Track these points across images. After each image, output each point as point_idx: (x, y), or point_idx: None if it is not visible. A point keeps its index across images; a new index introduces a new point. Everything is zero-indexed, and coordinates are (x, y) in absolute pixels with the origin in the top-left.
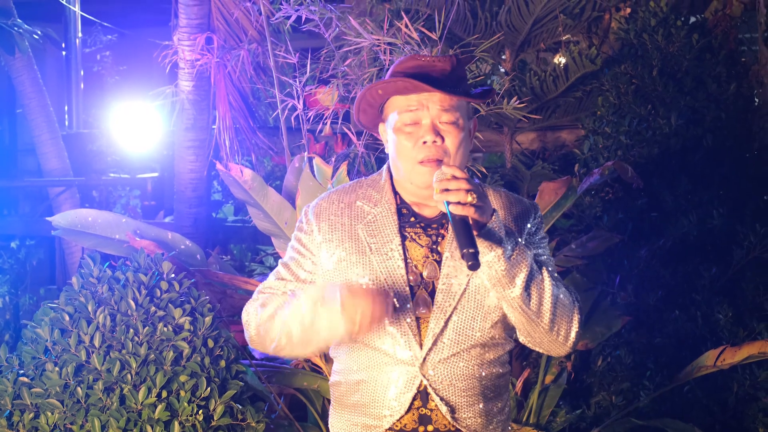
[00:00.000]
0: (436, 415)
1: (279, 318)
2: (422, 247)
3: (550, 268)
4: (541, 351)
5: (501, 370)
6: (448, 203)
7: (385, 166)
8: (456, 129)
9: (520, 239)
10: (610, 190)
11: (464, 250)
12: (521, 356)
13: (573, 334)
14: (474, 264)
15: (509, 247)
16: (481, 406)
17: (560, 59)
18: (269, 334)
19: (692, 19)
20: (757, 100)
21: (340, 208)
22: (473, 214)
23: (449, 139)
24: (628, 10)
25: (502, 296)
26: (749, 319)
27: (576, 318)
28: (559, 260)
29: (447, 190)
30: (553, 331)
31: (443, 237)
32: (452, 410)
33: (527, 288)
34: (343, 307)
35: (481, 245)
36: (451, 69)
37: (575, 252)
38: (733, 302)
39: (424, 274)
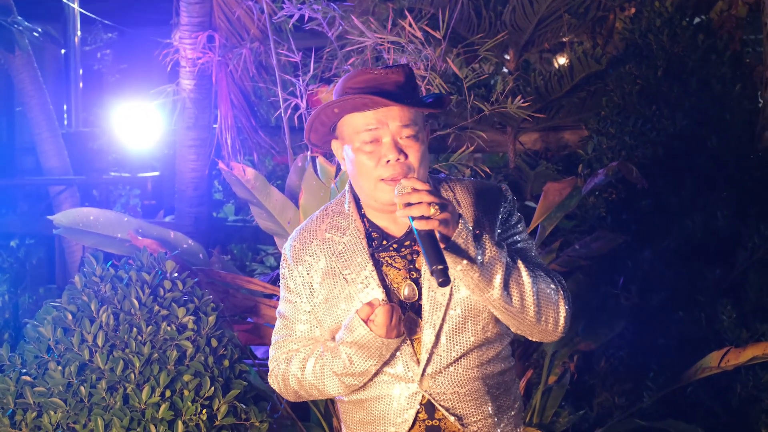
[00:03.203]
0: (445, 424)
1: (329, 382)
2: (399, 269)
3: (531, 252)
4: (535, 340)
5: (503, 366)
6: (412, 218)
7: (347, 188)
8: (416, 143)
9: (489, 239)
10: (614, 191)
11: (432, 267)
12: (524, 357)
13: (562, 320)
14: (444, 281)
15: (480, 252)
16: (489, 406)
17: (564, 59)
18: (326, 392)
19: (697, 20)
20: (761, 101)
21: (313, 246)
22: (438, 227)
23: (412, 154)
24: (633, 10)
25: (483, 299)
26: (753, 321)
27: (562, 303)
28: (562, 261)
29: (409, 204)
30: (540, 321)
31: (418, 253)
32: (459, 418)
33: (506, 287)
34: (379, 329)
35: (451, 257)
36: (404, 80)
37: (579, 253)
38: (737, 303)
39: (403, 295)
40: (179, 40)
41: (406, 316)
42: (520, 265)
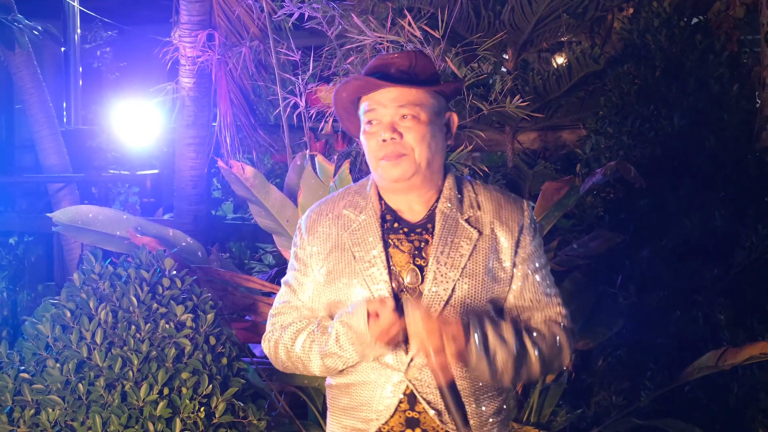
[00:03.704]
0: (425, 417)
1: (314, 357)
2: (404, 253)
3: (539, 277)
4: None
5: None
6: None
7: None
8: (417, 123)
9: (500, 341)
10: (612, 191)
11: (453, 415)
12: None
13: (565, 363)
14: (465, 426)
15: (491, 357)
16: (472, 408)
17: (563, 59)
18: (309, 368)
19: (695, 20)
20: (759, 101)
21: (329, 219)
22: (452, 377)
23: (408, 133)
24: (631, 10)
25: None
26: (750, 320)
27: (567, 351)
28: (560, 260)
29: (426, 354)
30: (546, 374)
31: (427, 242)
32: (439, 413)
33: (516, 372)
34: (377, 337)
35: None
36: (409, 64)
37: (577, 252)
38: (734, 303)
39: (406, 280)
40: (179, 39)
41: (402, 300)
42: (528, 343)
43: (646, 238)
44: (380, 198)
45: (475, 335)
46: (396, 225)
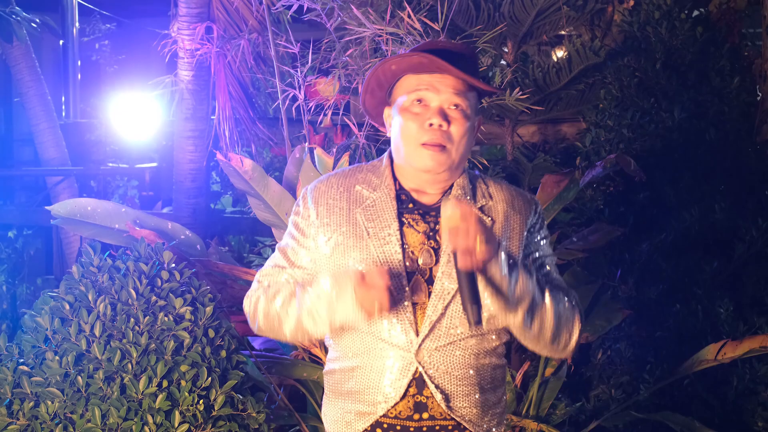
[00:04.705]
0: (432, 402)
1: (292, 312)
2: (419, 233)
3: (548, 268)
4: (541, 355)
5: (497, 362)
6: (455, 255)
7: (387, 152)
8: (463, 117)
9: (523, 269)
10: (611, 184)
11: (467, 306)
12: (521, 349)
13: (573, 342)
14: (478, 321)
15: (513, 281)
16: (477, 396)
17: (562, 51)
18: (283, 327)
19: (696, 12)
20: (760, 94)
21: (338, 192)
22: (480, 265)
23: (455, 125)
24: (632, 2)
25: (504, 321)
26: (750, 314)
27: (576, 327)
28: (560, 253)
29: (454, 234)
30: (553, 344)
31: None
32: (447, 398)
33: (529, 314)
34: (358, 301)
35: (484, 283)
36: (467, 56)
37: (576, 245)
38: (734, 296)
39: (420, 261)
40: (177, 31)
41: (414, 280)
42: (547, 292)
43: (645, 231)
44: (394, 178)
45: (503, 254)
46: (411, 206)
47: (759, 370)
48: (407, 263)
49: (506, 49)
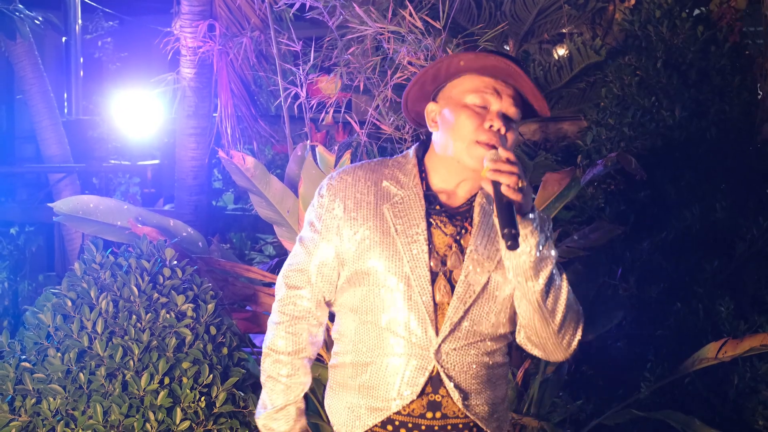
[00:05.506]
0: (447, 401)
1: (269, 383)
2: (446, 235)
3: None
4: (539, 354)
5: (503, 360)
6: (498, 183)
7: (412, 150)
8: (516, 127)
9: (549, 235)
10: (612, 182)
11: (505, 230)
12: (521, 347)
13: (575, 342)
14: (513, 244)
15: (542, 241)
16: (488, 393)
17: (564, 50)
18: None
19: (697, 11)
20: (761, 92)
21: (366, 186)
22: (520, 200)
23: (510, 133)
24: (633, 1)
25: (524, 289)
26: (751, 312)
27: (581, 327)
28: (561, 251)
29: (499, 171)
30: (560, 333)
31: (467, 231)
32: (465, 397)
33: (548, 284)
34: None
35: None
36: (526, 73)
37: (577, 243)
38: (734, 295)
39: (448, 263)
40: (180, 29)
41: (437, 280)
42: (563, 274)
43: (646, 229)
44: (422, 178)
45: (536, 213)
46: (438, 207)
47: (760, 368)
48: (432, 263)
49: (508, 48)
